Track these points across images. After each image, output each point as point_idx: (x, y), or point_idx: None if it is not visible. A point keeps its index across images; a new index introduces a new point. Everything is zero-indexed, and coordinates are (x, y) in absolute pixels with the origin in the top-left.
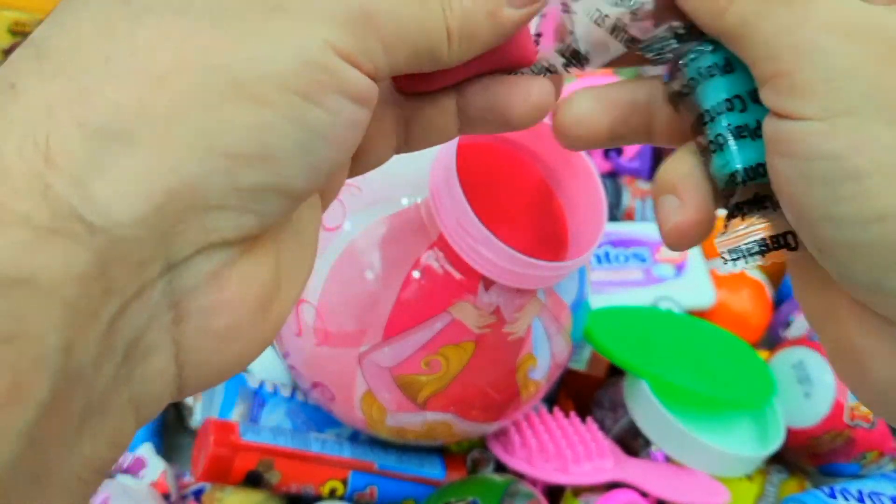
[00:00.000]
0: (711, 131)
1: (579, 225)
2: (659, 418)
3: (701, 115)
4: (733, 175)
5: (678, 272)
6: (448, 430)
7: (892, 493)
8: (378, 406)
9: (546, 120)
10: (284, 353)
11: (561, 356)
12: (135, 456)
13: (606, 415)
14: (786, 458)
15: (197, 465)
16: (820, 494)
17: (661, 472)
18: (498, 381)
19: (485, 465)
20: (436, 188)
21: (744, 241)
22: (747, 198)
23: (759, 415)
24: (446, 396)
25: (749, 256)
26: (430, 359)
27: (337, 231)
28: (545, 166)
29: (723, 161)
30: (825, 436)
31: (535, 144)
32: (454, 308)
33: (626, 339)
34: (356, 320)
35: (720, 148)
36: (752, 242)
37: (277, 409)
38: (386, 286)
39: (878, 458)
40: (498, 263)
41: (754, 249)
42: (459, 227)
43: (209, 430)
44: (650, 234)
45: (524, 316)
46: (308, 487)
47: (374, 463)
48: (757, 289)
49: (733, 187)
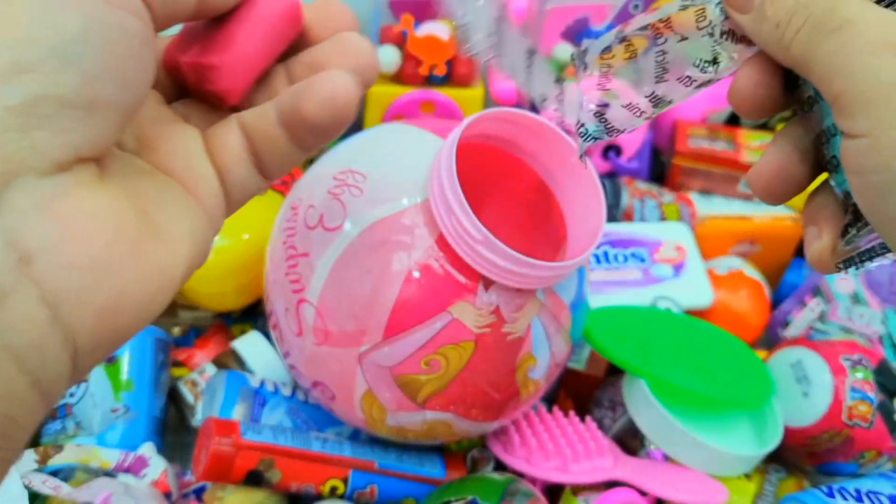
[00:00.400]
0: (828, 152)
1: (578, 225)
2: (657, 417)
3: (819, 134)
4: (847, 194)
5: (677, 272)
6: (448, 429)
7: (890, 492)
8: (378, 405)
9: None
10: (285, 353)
11: (560, 355)
12: (136, 455)
13: (605, 414)
14: (784, 458)
15: (198, 464)
16: (818, 493)
17: (660, 471)
18: (497, 381)
19: (484, 464)
20: (436, 188)
21: (858, 249)
22: None
23: (757, 414)
24: (446, 396)
25: (860, 263)
26: (429, 358)
27: (337, 231)
28: (544, 167)
29: (839, 180)
30: (823, 435)
31: (535, 144)
32: (454, 308)
33: (624, 339)
34: (356, 320)
35: (835, 169)
36: (865, 251)
37: (278, 408)
38: (386, 286)
39: (877, 457)
40: (497, 263)
41: (865, 256)
42: (459, 227)
43: (210, 429)
44: (649, 234)
45: (524, 316)
46: (309, 486)
47: (375, 462)
48: (755, 288)
49: (847, 203)
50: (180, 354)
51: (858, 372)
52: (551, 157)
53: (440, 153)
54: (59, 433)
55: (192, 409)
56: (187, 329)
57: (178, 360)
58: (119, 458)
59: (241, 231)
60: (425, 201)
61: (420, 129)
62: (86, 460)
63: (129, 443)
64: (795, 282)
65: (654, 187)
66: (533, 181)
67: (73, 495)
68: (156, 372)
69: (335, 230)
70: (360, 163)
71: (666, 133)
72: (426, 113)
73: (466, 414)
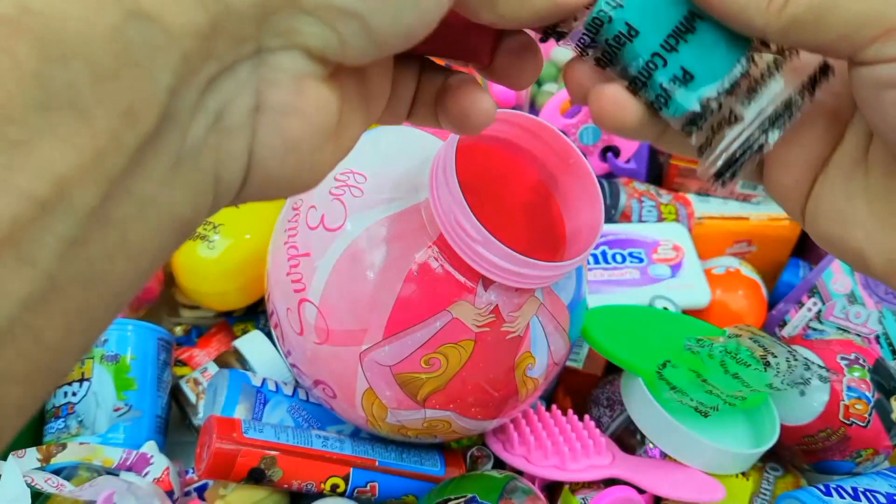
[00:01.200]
0: (653, 92)
1: (577, 225)
2: (655, 415)
3: (633, 79)
4: (687, 119)
5: (674, 272)
6: (448, 427)
7: (886, 490)
8: (379, 403)
9: (546, 122)
10: (287, 352)
11: (559, 354)
12: (139, 453)
13: (603, 412)
14: (781, 456)
15: (200, 462)
16: (815, 491)
17: (658, 469)
18: (497, 379)
19: (484, 462)
20: (436, 188)
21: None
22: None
23: (754, 412)
24: (446, 394)
25: (729, 170)
26: (429, 357)
27: (338, 231)
28: (543, 167)
29: (673, 109)
30: (820, 434)
31: (534, 145)
32: (454, 307)
33: (622, 338)
34: (357, 319)
35: (665, 104)
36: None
37: (280, 406)
38: (387, 286)
39: (873, 455)
40: (497, 263)
41: (730, 164)
42: (459, 227)
43: (212, 427)
44: (647, 234)
45: (523, 315)
46: (310, 484)
47: (375, 460)
48: (752, 288)
49: (697, 122)
50: (182, 354)
51: (855, 371)
52: (550, 158)
53: (440, 154)
54: (61, 432)
55: (194, 407)
56: (189, 328)
57: (180, 359)
58: (122, 457)
59: (244, 231)
60: (425, 202)
61: (420, 130)
62: (89, 459)
63: (131, 441)
64: (792, 281)
65: (652, 188)
66: (532, 181)
67: (76, 494)
68: (158, 371)
69: (336, 230)
70: (360, 164)
71: None
72: None
73: (466, 412)
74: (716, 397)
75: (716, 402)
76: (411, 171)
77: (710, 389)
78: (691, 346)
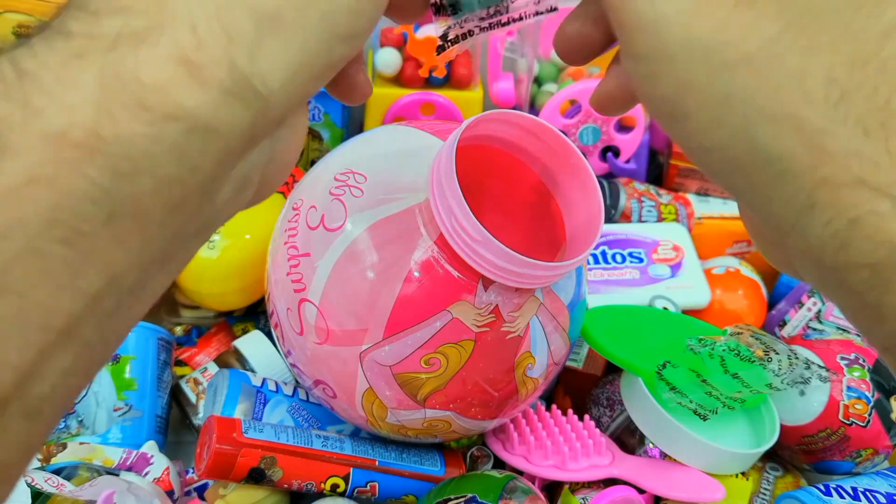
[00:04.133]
0: None
1: (577, 225)
2: (655, 415)
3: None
4: None
5: (674, 272)
6: (447, 426)
7: (886, 490)
8: (379, 403)
9: (546, 122)
10: (287, 352)
11: (558, 354)
12: (139, 453)
13: (603, 412)
14: (781, 456)
15: (200, 462)
16: (815, 491)
17: (658, 469)
18: (496, 379)
19: (484, 462)
20: (436, 188)
21: None
22: None
23: (754, 412)
24: (446, 394)
25: None
26: (429, 357)
27: (338, 231)
28: (543, 167)
29: None
30: (820, 433)
31: (534, 145)
32: (454, 307)
33: (622, 338)
34: (357, 319)
35: None
36: None
37: (280, 406)
38: (386, 285)
39: (873, 455)
40: (496, 263)
41: None
42: (459, 227)
43: (212, 427)
44: (646, 234)
45: (522, 315)
46: (310, 484)
47: (375, 459)
48: (752, 288)
49: None
50: (183, 353)
51: (855, 371)
52: (550, 158)
53: (440, 154)
54: (62, 431)
55: (194, 407)
56: (190, 328)
57: (180, 359)
58: (122, 457)
59: (244, 231)
60: (425, 202)
61: (420, 130)
62: (89, 458)
63: (131, 441)
64: (792, 281)
65: (652, 188)
66: (532, 182)
67: (76, 493)
68: (158, 371)
69: (336, 230)
70: (360, 164)
71: (663, 135)
72: (426, 115)
73: (466, 412)
74: (715, 399)
75: (715, 404)
76: (411, 171)
77: (710, 391)
78: (693, 346)
